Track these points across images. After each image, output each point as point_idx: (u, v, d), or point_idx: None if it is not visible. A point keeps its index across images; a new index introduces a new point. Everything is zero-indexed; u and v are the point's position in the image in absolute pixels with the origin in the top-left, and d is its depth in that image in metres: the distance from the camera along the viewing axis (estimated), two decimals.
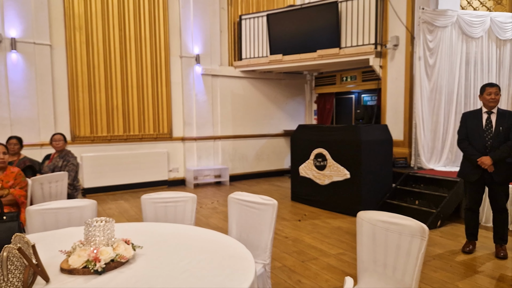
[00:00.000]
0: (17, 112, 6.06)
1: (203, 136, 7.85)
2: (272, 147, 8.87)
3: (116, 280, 1.52)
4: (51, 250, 1.77)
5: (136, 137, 7.25)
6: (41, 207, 2.46)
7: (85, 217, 2.45)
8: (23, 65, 6.09)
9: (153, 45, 7.30)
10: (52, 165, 4.69)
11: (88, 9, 6.66)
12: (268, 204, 2.38)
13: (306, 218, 5.25)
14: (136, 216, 5.36)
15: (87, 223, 1.68)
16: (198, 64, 7.67)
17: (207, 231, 2.18)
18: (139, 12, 7.15)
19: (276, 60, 7.66)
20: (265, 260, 2.34)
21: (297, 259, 3.72)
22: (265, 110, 8.73)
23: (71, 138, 6.57)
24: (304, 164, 5.99)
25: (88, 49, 6.70)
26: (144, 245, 1.84)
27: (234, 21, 8.28)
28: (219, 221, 5.13)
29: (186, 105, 7.67)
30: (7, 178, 3.35)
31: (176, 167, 7.72)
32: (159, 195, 2.72)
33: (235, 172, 8.27)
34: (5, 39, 5.90)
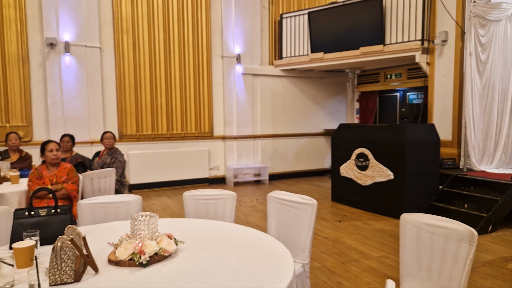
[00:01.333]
0: (69, 111, 6.45)
1: (243, 135, 7.93)
2: (312, 146, 8.77)
3: (159, 273, 1.57)
4: (99, 242, 1.86)
5: (179, 135, 7.47)
6: (91, 201, 2.60)
7: (131, 211, 2.56)
8: (76, 67, 6.47)
9: (195, 46, 7.48)
10: (101, 162, 4.95)
11: (135, 12, 6.95)
12: (307, 203, 2.36)
13: (347, 219, 5.14)
14: (178, 212, 5.52)
15: (133, 218, 1.76)
16: (239, 64, 7.76)
17: (247, 228, 2.20)
18: (182, 14, 7.35)
19: (317, 59, 7.56)
20: (304, 260, 2.32)
21: (337, 260, 3.66)
22: (305, 109, 8.65)
23: (119, 136, 6.90)
24: (345, 164, 5.87)
25: (135, 50, 6.99)
26: (185, 240, 1.89)
27: (275, 20, 8.28)
28: (258, 220, 5.15)
29: (226, 104, 7.79)
30: (61, 174, 3.58)
31: (216, 165, 7.86)
32: (200, 192, 2.78)
33: (274, 171, 8.27)
34: (60, 42, 6.30)
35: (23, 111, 6.26)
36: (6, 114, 6.16)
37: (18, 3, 6.11)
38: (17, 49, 6.15)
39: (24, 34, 6.17)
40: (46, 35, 6.21)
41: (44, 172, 3.55)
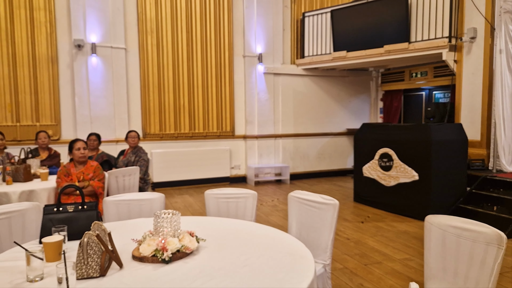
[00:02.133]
0: (96, 110, 6.64)
1: (264, 134, 7.93)
2: (334, 146, 8.68)
3: (181, 269, 1.60)
4: (124, 238, 1.91)
5: (201, 134, 7.55)
6: (116, 198, 2.67)
7: (154, 209, 2.61)
8: (102, 67, 6.64)
9: (217, 46, 7.54)
10: (126, 160, 5.07)
11: (159, 13, 7.07)
12: (329, 203, 2.34)
13: (370, 220, 5.06)
14: (200, 210, 5.59)
15: (156, 215, 1.79)
16: (260, 63, 7.76)
17: (267, 228, 2.20)
18: (205, 15, 7.42)
19: (340, 57, 7.47)
20: (325, 261, 2.30)
21: (359, 262, 3.61)
22: (328, 108, 8.57)
23: (143, 135, 7.04)
24: (368, 164, 5.78)
25: (159, 51, 7.12)
26: (207, 238, 1.91)
27: (297, 19, 8.24)
28: (279, 219, 5.15)
29: (248, 103, 7.81)
30: (88, 171, 3.69)
31: (237, 164, 7.90)
32: (222, 191, 2.80)
33: (295, 170, 8.23)
34: (87, 44, 6.49)
35: (52, 111, 6.48)
36: (36, 114, 6.40)
37: (48, 6, 6.33)
38: (46, 51, 6.37)
39: (53, 36, 6.39)
40: (74, 36, 6.41)
41: (72, 169, 3.66)
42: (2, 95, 6.16)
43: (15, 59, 6.20)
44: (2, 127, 6.05)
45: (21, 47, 6.23)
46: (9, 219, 2.29)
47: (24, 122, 6.33)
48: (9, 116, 6.24)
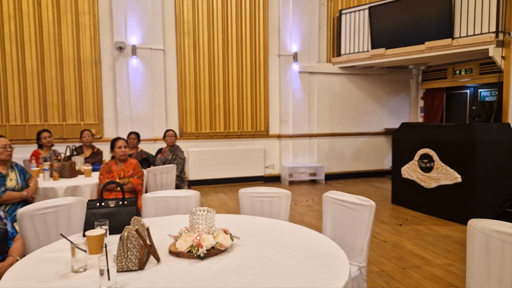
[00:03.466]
0: (136, 110, 6.88)
1: (299, 134, 7.88)
2: (372, 146, 8.47)
3: (216, 266, 1.62)
4: (161, 233, 1.97)
5: (235, 134, 7.63)
6: (154, 195, 2.75)
7: (190, 206, 2.66)
8: (142, 68, 6.88)
9: (252, 45, 7.58)
10: (164, 158, 5.22)
11: (196, 14, 7.21)
12: (365, 205, 2.28)
13: (408, 223, 4.89)
14: (234, 209, 5.64)
15: (192, 212, 1.83)
16: (295, 62, 7.72)
17: (302, 227, 2.19)
18: (240, 15, 7.48)
19: (378, 55, 7.27)
20: (360, 263, 2.25)
21: (396, 265, 3.50)
22: (365, 107, 8.37)
23: (179, 134, 7.21)
24: (407, 165, 5.58)
25: (195, 52, 7.26)
26: (241, 236, 1.93)
27: (333, 17, 8.11)
28: (313, 219, 5.10)
29: (283, 103, 7.79)
30: (128, 169, 3.83)
31: (272, 164, 7.91)
32: (256, 190, 2.82)
33: (331, 170, 8.11)
34: (128, 46, 6.74)
35: (95, 110, 6.80)
36: (81, 113, 6.74)
37: (92, 10, 6.64)
38: (90, 53, 6.69)
39: (97, 38, 6.70)
40: (116, 39, 6.68)
41: (113, 167, 3.83)
42: (50, 95, 6.54)
43: (61, 61, 6.56)
44: (50, 126, 6.43)
45: (67, 50, 6.58)
46: (56, 212, 2.43)
47: (69, 121, 6.68)
48: (56, 115, 6.61)
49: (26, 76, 6.39)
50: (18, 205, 3.16)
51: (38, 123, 6.48)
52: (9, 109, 6.34)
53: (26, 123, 6.44)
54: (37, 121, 6.49)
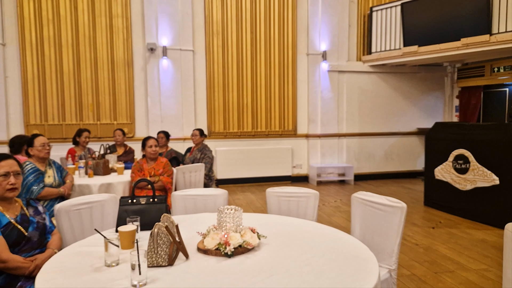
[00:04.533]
0: (166, 110, 7.03)
1: (328, 133, 7.78)
2: (403, 146, 8.24)
3: (243, 264, 1.63)
4: (190, 231, 2.00)
5: (263, 133, 7.64)
6: (183, 193, 2.80)
7: (218, 204, 2.69)
8: (172, 69, 7.02)
9: (281, 45, 7.56)
10: (192, 157, 5.31)
11: (225, 15, 7.28)
12: (395, 206, 2.23)
13: (442, 226, 4.72)
14: (262, 208, 5.65)
15: (220, 210, 1.85)
16: (324, 61, 7.63)
17: (329, 228, 2.16)
18: (269, 14, 7.49)
19: (411, 52, 7.06)
20: (390, 266, 2.20)
21: (428, 269, 3.39)
22: (396, 107, 8.15)
23: (208, 133, 7.31)
24: (441, 166, 5.39)
25: (224, 52, 7.33)
26: (268, 235, 1.93)
27: (364, 14, 7.95)
28: (342, 220, 5.02)
29: (311, 102, 7.73)
30: (158, 167, 3.93)
31: (299, 164, 7.86)
32: (283, 189, 2.81)
33: (360, 171, 7.96)
34: (158, 47, 6.90)
35: (127, 110, 7.01)
36: (114, 113, 6.96)
37: (125, 13, 6.85)
38: (123, 55, 6.90)
39: (129, 41, 6.90)
40: (147, 40, 6.85)
41: (144, 165, 3.93)
42: (85, 96, 6.80)
43: (96, 63, 6.81)
44: (85, 125, 6.68)
45: (102, 52, 6.82)
46: (90, 208, 2.53)
47: (103, 120, 6.92)
48: (90, 115, 6.86)
49: (63, 78, 6.68)
50: (56, 200, 3.30)
51: (74, 122, 6.76)
52: (48, 109, 6.65)
53: (63, 122, 6.73)
54: (73, 120, 6.77)
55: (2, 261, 1.82)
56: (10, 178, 1.96)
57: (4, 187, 1.94)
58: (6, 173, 1.96)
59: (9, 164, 1.99)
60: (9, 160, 2.00)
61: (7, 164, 1.98)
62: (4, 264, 1.83)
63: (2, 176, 1.94)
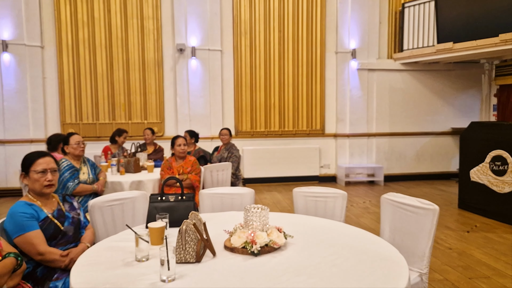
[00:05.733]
0: (194, 109, 7.14)
1: (357, 133, 7.64)
2: (436, 146, 7.96)
3: (269, 263, 1.64)
4: (217, 229, 2.02)
5: (290, 132, 7.60)
6: (210, 191, 2.84)
7: (245, 203, 2.71)
8: (200, 69, 7.12)
9: (309, 43, 7.50)
10: (220, 156, 5.36)
11: (253, 15, 7.30)
12: (427, 208, 2.16)
13: (477, 229, 4.53)
14: (288, 208, 5.63)
15: (246, 209, 1.86)
16: (354, 59, 7.49)
17: (358, 229, 2.12)
18: (297, 13, 7.44)
19: (445, 49, 6.81)
20: (421, 269, 2.13)
21: (462, 275, 3.26)
22: (429, 105, 7.89)
23: (235, 133, 7.36)
24: (477, 167, 5.17)
25: (251, 51, 7.36)
26: (294, 235, 1.92)
27: (395, 11, 7.75)
28: (370, 222, 4.92)
29: (339, 101, 7.61)
30: (186, 165, 3.99)
31: (327, 163, 7.76)
32: (310, 189, 2.79)
33: (390, 172, 7.77)
34: (187, 48, 7.01)
35: (157, 110, 7.17)
36: (145, 112, 7.14)
37: (156, 15, 7.00)
38: (154, 55, 7.06)
39: (159, 42, 7.06)
40: (177, 41, 6.98)
41: (173, 163, 4.01)
42: (118, 95, 7.02)
43: (128, 64, 7.01)
44: (117, 124, 6.89)
45: (133, 53, 7.01)
46: (122, 205, 2.61)
47: (134, 119, 7.12)
48: (122, 114, 7.07)
49: (97, 78, 6.92)
50: (89, 197, 3.43)
51: (107, 121, 6.99)
52: (82, 108, 6.91)
53: (96, 121, 6.98)
54: (106, 119, 7.00)
55: (40, 253, 1.91)
56: (48, 175, 2.05)
57: (42, 184, 2.04)
58: (44, 170, 2.05)
59: (46, 162, 2.08)
60: (47, 158, 2.10)
61: (44, 162, 2.07)
62: (41, 257, 1.92)
63: (40, 173, 2.03)
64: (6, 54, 6.36)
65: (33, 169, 2.04)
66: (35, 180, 2.03)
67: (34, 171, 2.03)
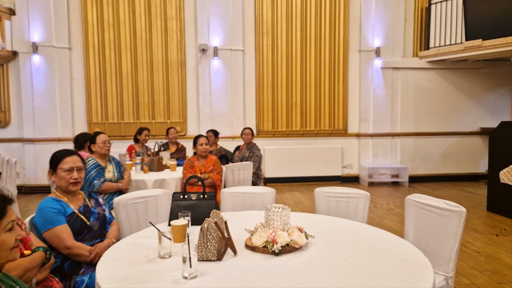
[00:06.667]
0: (216, 109, 7.20)
1: (380, 133, 7.50)
2: (464, 147, 7.72)
3: (290, 263, 1.63)
4: (238, 227, 2.03)
5: (312, 132, 7.54)
6: (231, 191, 2.86)
7: (266, 202, 2.71)
8: (222, 69, 7.17)
9: (332, 42, 7.42)
10: (241, 155, 5.38)
11: (275, 14, 7.29)
12: (454, 210, 2.09)
13: (507, 233, 4.36)
14: (310, 208, 5.59)
15: (267, 208, 1.86)
16: (378, 58, 7.36)
17: (381, 231, 2.09)
18: (320, 12, 7.37)
19: (474, 47, 6.58)
20: (447, 273, 2.07)
21: (490, 279, 3.15)
22: (456, 105, 7.65)
23: (256, 132, 7.37)
24: (507, 168, 4.96)
25: (273, 51, 7.35)
26: (316, 235, 1.90)
27: (421, 8, 7.56)
28: (394, 223, 4.82)
29: (362, 100, 7.50)
30: (208, 164, 4.03)
31: (350, 164, 7.66)
32: (332, 189, 2.76)
33: (415, 172, 7.58)
34: (210, 48, 7.07)
35: (180, 109, 7.27)
36: (168, 112, 7.26)
37: (179, 15, 7.10)
38: (177, 56, 7.17)
39: (182, 42, 7.15)
40: (199, 41, 7.05)
41: (195, 162, 4.06)
42: (142, 96, 7.16)
43: (152, 64, 7.14)
44: (141, 124, 7.02)
45: (157, 54, 7.13)
46: (145, 202, 2.66)
47: (158, 119, 7.24)
48: (146, 114, 7.21)
49: (122, 79, 7.08)
50: (115, 194, 3.52)
51: (132, 121, 7.14)
52: (108, 108, 7.09)
53: (121, 121, 7.14)
54: (131, 119, 7.16)
55: (67, 247, 1.98)
56: (74, 173, 2.12)
57: (68, 181, 2.10)
58: (70, 168, 2.12)
59: (73, 160, 2.15)
60: (73, 156, 2.17)
61: (71, 160, 2.14)
62: (68, 251, 1.98)
63: (66, 171, 2.10)
64: (36, 56, 6.61)
65: (60, 167, 2.11)
66: (61, 177, 2.10)
67: (61, 169, 2.10)
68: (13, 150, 6.80)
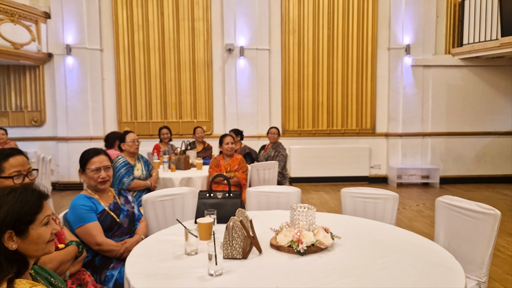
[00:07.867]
0: (242, 108, 7.23)
1: (410, 133, 7.30)
2: (499, 147, 7.38)
3: (315, 263, 1.62)
4: (263, 226, 2.03)
5: (339, 131, 7.44)
6: (257, 190, 2.86)
7: (291, 202, 2.70)
8: (248, 68, 7.19)
9: (360, 39, 7.29)
10: (266, 155, 5.39)
11: (301, 12, 7.24)
12: (487, 213, 2.01)
13: None
14: (336, 208, 5.52)
15: (293, 208, 1.85)
16: (408, 55, 7.16)
17: (409, 233, 2.03)
18: (347, 9, 7.26)
19: (510, 43, 6.29)
20: (480, 278, 1.99)
21: None
22: (491, 104, 7.33)
23: (282, 132, 7.34)
24: None
25: (299, 50, 7.30)
26: (342, 236, 1.88)
27: (454, 3, 7.29)
28: (424, 226, 4.69)
29: (392, 99, 7.32)
30: (233, 163, 4.06)
31: (378, 164, 7.50)
32: (359, 190, 2.71)
33: (447, 174, 7.33)
34: (236, 47, 7.11)
35: (206, 109, 7.36)
36: (194, 111, 7.36)
37: (206, 16, 7.18)
38: (203, 56, 7.25)
39: (209, 42, 7.23)
40: (226, 41, 7.10)
41: (221, 161, 4.10)
42: (169, 95, 7.30)
43: (179, 64, 7.26)
44: (169, 123, 7.15)
45: (184, 54, 7.25)
46: (172, 200, 2.72)
47: (185, 118, 7.36)
48: (174, 114, 7.35)
49: (151, 79, 7.25)
50: (143, 192, 3.61)
51: (159, 120, 7.29)
52: (137, 108, 7.27)
53: (150, 120, 7.31)
54: (159, 118, 7.31)
55: (98, 243, 2.04)
56: (101, 172, 2.19)
57: (96, 180, 2.18)
58: (98, 168, 2.19)
59: (100, 160, 2.21)
60: (101, 156, 2.23)
61: (98, 160, 2.21)
62: (99, 247, 2.05)
63: (94, 171, 2.17)
64: (70, 58, 6.87)
65: (88, 167, 2.18)
66: (90, 177, 2.18)
67: (88, 169, 2.18)
68: (48, 148, 7.11)
